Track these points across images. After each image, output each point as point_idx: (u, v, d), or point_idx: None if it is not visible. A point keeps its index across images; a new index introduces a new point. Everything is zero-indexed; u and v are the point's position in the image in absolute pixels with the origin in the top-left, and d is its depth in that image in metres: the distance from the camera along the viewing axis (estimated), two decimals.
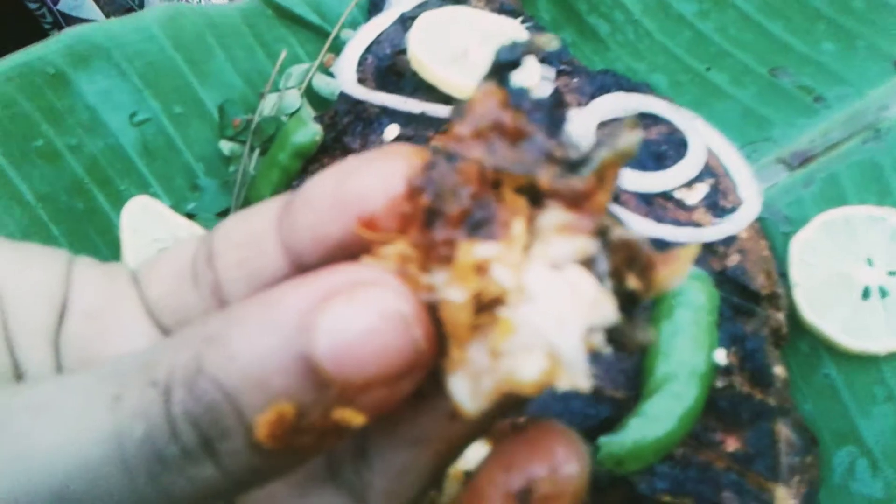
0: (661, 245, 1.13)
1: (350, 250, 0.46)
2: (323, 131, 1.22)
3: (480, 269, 0.40)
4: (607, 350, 0.41)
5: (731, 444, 1.04)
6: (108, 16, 1.77)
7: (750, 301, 1.13)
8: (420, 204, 0.42)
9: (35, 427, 0.40)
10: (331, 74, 1.32)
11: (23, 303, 0.50)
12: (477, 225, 0.41)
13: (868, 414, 1.13)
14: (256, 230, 0.49)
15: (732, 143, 1.29)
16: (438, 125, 1.22)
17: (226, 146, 1.25)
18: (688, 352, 1.04)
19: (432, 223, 0.42)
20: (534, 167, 0.42)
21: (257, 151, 1.25)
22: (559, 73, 1.33)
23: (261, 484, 0.44)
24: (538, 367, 0.39)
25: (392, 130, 1.22)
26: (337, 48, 1.35)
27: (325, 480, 0.51)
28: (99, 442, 0.40)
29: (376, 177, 0.45)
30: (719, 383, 1.07)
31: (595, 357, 0.41)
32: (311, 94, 1.32)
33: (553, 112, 0.44)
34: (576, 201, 0.41)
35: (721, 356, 1.07)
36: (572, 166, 0.42)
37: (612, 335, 0.42)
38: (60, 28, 1.68)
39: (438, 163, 0.42)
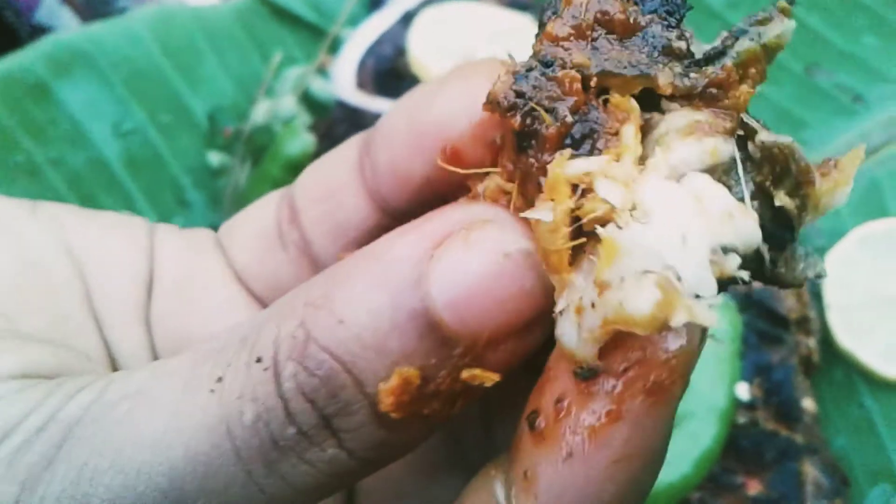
0: None
1: (441, 188, 0.42)
2: (318, 141, 1.14)
3: (584, 186, 0.35)
4: (745, 279, 0.34)
5: (754, 488, 0.95)
6: None
7: (778, 327, 1.04)
8: (510, 126, 0.37)
9: (134, 417, 0.36)
10: (329, 77, 1.24)
11: (109, 280, 0.48)
12: (580, 140, 0.36)
13: None
14: (336, 179, 0.47)
15: None
16: None
17: (214, 157, 1.18)
18: (706, 386, 0.95)
19: (526, 147, 0.37)
20: (650, 67, 0.36)
21: (248, 163, 1.17)
22: None
23: (389, 461, 0.39)
24: (651, 296, 0.32)
25: None
26: (336, 48, 1.27)
27: (453, 466, 0.48)
28: (205, 429, 0.36)
29: (454, 100, 0.41)
30: (741, 419, 0.98)
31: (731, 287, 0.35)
32: (309, 99, 1.24)
33: None
34: (708, 99, 0.35)
35: (743, 390, 0.98)
36: (703, 61, 0.36)
37: (757, 265, 0.35)
38: None
39: (530, 73, 0.36)
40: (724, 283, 0.34)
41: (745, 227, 0.34)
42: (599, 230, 0.34)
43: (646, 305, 0.32)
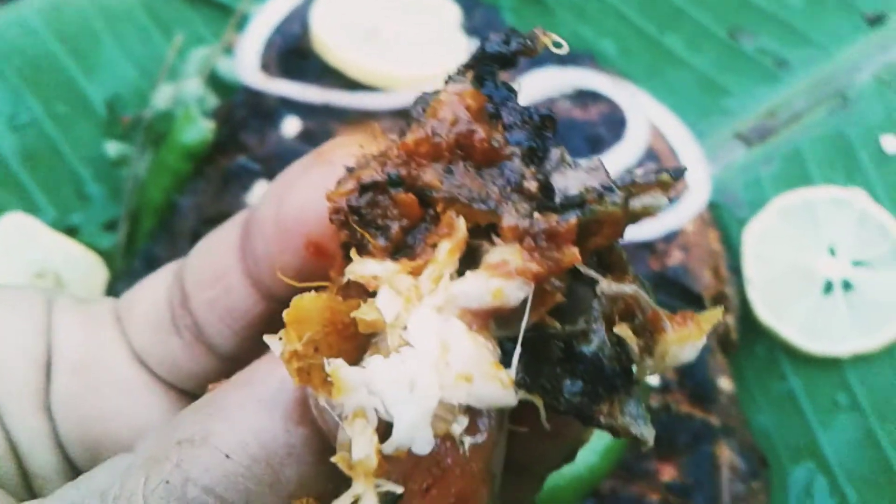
0: None
1: (314, 271, 0.41)
2: (218, 127, 1.10)
3: (372, 289, 0.35)
4: (469, 441, 0.33)
5: (667, 474, 0.93)
6: None
7: (692, 305, 1.00)
8: (339, 238, 0.37)
9: None
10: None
11: (4, 363, 0.46)
12: (401, 250, 0.36)
13: (829, 425, 1.00)
14: (222, 264, 0.46)
15: (684, 118, 1.15)
16: (344, 116, 1.09)
17: (113, 147, 1.13)
18: None
19: (350, 257, 0.36)
20: (499, 204, 0.35)
21: (149, 152, 1.12)
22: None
23: None
24: (362, 445, 0.32)
25: (292, 124, 1.09)
26: (244, 26, 1.22)
27: None
28: None
29: (311, 191, 0.41)
30: (653, 404, 0.94)
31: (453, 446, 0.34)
32: (216, 82, 1.19)
33: (541, 129, 0.37)
34: (539, 244, 0.34)
35: (653, 376, 0.95)
36: (559, 207, 0.35)
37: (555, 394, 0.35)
38: None
39: (368, 191, 0.36)
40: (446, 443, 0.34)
41: (487, 391, 0.33)
42: (326, 363, 0.33)
43: (359, 451, 0.32)
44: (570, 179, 0.36)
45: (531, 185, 0.35)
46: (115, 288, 1.04)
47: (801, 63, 1.19)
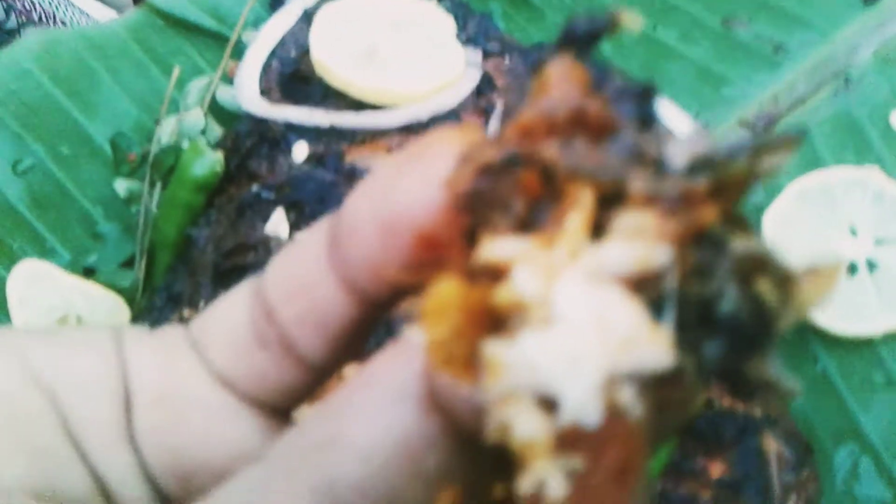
0: None
1: (422, 269, 0.39)
2: (225, 158, 1.08)
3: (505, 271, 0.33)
4: (637, 408, 0.31)
5: (717, 470, 0.92)
6: None
7: None
8: (460, 225, 0.36)
9: None
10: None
11: (84, 403, 0.44)
12: (526, 230, 0.34)
13: (868, 405, 1.01)
14: (308, 274, 0.44)
15: (687, 110, 1.15)
16: (352, 137, 1.08)
17: (122, 186, 1.11)
18: None
19: (474, 240, 0.35)
20: (622, 171, 0.33)
21: (159, 187, 1.11)
22: (486, 55, 1.19)
23: None
24: (529, 425, 0.30)
25: (301, 149, 1.08)
26: (241, 53, 1.21)
27: None
28: None
29: (418, 183, 0.38)
30: None
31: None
32: (217, 111, 1.18)
33: (643, 99, 0.35)
34: (669, 208, 0.32)
35: None
36: (683, 171, 0.33)
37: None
38: None
39: (489, 172, 0.35)
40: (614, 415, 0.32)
41: (650, 355, 0.30)
42: (483, 345, 0.31)
43: (524, 432, 0.31)
44: (678, 148, 0.35)
45: (651, 151, 0.34)
46: (138, 326, 1.02)
47: (799, 47, 1.19)
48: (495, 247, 0.33)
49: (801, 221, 1.06)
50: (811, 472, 0.94)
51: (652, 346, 0.31)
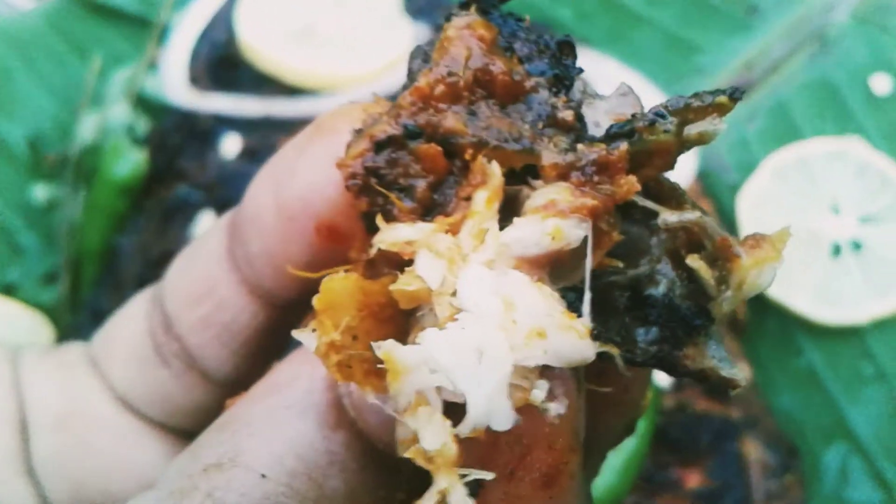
0: None
1: (322, 264, 0.36)
2: (151, 155, 0.99)
3: (407, 257, 0.31)
4: (553, 408, 0.29)
5: (693, 480, 0.85)
6: None
7: None
8: (358, 208, 0.33)
9: None
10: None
11: None
12: (430, 212, 0.32)
13: (856, 399, 0.93)
14: (209, 277, 0.41)
15: (655, 81, 1.07)
16: (289, 127, 0.99)
17: (41, 191, 1.02)
18: None
19: (376, 230, 0.32)
20: (534, 141, 0.32)
21: (81, 191, 1.02)
22: (438, 29, 1.09)
23: None
24: (435, 435, 0.28)
25: (232, 143, 0.99)
26: (166, 38, 1.11)
27: None
28: None
29: (317, 167, 0.36)
30: (668, 405, 0.86)
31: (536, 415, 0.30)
32: (146, 104, 1.08)
33: (561, 56, 0.34)
34: (587, 178, 0.31)
35: (663, 375, 0.87)
36: (603, 138, 0.32)
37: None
38: None
39: (385, 148, 0.33)
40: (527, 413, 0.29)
41: (564, 346, 0.29)
42: (375, 346, 0.29)
43: (432, 442, 0.28)
44: (599, 110, 0.33)
45: (566, 116, 0.33)
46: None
47: (773, 7, 1.10)
48: (393, 232, 0.31)
49: (778, 200, 0.98)
50: (796, 476, 0.87)
51: (566, 334, 0.29)
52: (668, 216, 0.32)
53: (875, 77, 1.03)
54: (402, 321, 0.31)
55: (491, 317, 0.29)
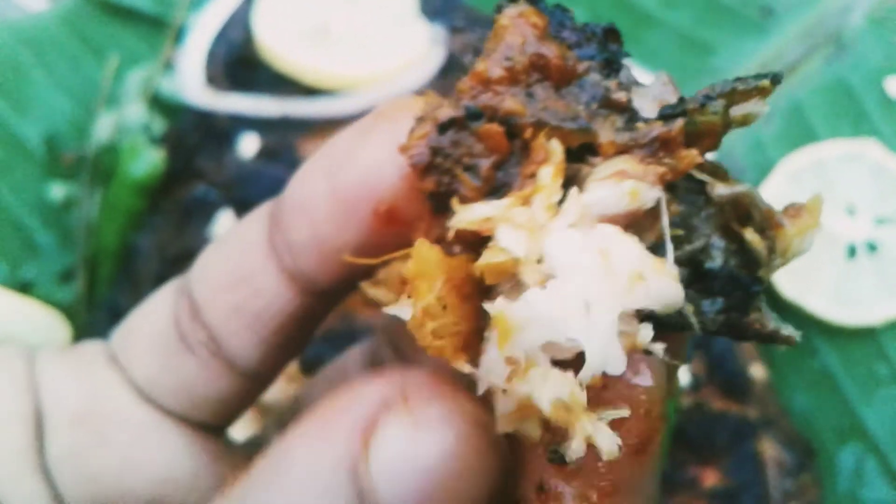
0: None
1: (374, 251, 0.38)
2: (169, 155, 1.00)
3: (486, 234, 0.32)
4: (659, 349, 0.31)
5: (710, 479, 0.85)
6: None
7: None
8: (424, 188, 0.34)
9: None
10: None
11: None
12: (497, 192, 0.34)
13: (871, 400, 0.93)
14: (245, 263, 0.41)
15: None
16: (307, 127, 1.00)
17: (57, 190, 1.03)
18: None
19: (444, 211, 0.34)
20: (591, 120, 0.33)
21: (98, 190, 1.02)
22: (454, 31, 1.10)
23: None
24: (556, 386, 0.29)
25: (250, 142, 0.99)
26: (183, 39, 1.12)
27: None
28: None
29: (382, 149, 0.36)
30: (685, 404, 0.87)
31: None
32: (162, 104, 1.09)
33: (607, 42, 0.36)
34: (647, 153, 0.33)
35: (681, 373, 0.87)
36: (655, 119, 0.33)
37: (709, 324, 0.33)
38: None
39: (449, 128, 0.34)
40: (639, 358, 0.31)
41: (660, 288, 0.31)
42: (486, 306, 0.31)
43: (549, 394, 0.30)
44: (644, 97, 0.35)
45: (620, 96, 0.34)
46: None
47: (788, 9, 1.11)
48: (470, 211, 0.32)
49: (794, 202, 0.98)
50: (812, 476, 0.87)
51: (661, 278, 0.31)
52: (720, 188, 0.33)
53: (890, 79, 1.03)
54: (479, 303, 0.32)
55: (590, 267, 0.30)
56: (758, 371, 0.90)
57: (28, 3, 1.16)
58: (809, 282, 0.95)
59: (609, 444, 0.30)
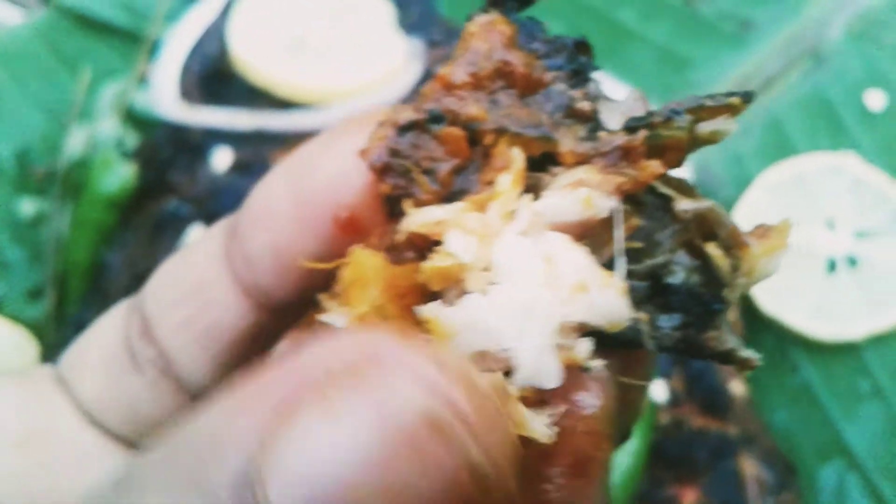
0: None
1: (332, 261, 0.35)
2: (141, 169, 0.98)
3: (435, 238, 0.32)
4: (597, 366, 0.30)
5: (689, 497, 0.84)
6: None
7: None
8: (381, 191, 0.34)
9: None
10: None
11: None
12: (455, 197, 0.33)
13: (853, 416, 0.92)
14: (198, 276, 0.40)
15: (650, 96, 1.05)
16: (281, 141, 0.98)
17: (27, 205, 1.01)
18: None
19: (398, 215, 0.33)
20: (553, 129, 0.33)
21: (68, 206, 1.01)
22: (431, 45, 1.09)
23: None
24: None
25: (223, 156, 0.98)
26: (157, 53, 1.10)
27: None
28: None
29: (345, 157, 0.36)
30: (664, 421, 0.85)
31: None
32: (135, 118, 1.07)
33: (576, 54, 0.35)
34: (608, 162, 0.32)
35: (660, 390, 0.85)
36: (619, 131, 0.33)
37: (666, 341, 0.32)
38: None
39: (410, 130, 0.34)
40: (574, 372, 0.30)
41: (604, 302, 0.30)
42: (419, 310, 0.30)
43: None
44: (614, 112, 0.34)
45: (584, 106, 0.34)
46: (48, 363, 0.92)
47: (767, 23, 1.10)
48: (422, 214, 0.32)
49: (773, 216, 0.97)
50: (793, 494, 0.86)
51: (605, 291, 0.30)
52: (684, 204, 0.33)
53: (869, 93, 1.03)
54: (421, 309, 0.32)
55: (533, 274, 0.30)
56: (737, 387, 0.89)
57: (1, 16, 1.15)
58: (789, 296, 0.94)
59: (542, 429, 0.29)
